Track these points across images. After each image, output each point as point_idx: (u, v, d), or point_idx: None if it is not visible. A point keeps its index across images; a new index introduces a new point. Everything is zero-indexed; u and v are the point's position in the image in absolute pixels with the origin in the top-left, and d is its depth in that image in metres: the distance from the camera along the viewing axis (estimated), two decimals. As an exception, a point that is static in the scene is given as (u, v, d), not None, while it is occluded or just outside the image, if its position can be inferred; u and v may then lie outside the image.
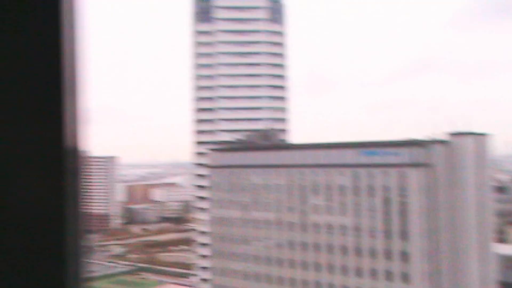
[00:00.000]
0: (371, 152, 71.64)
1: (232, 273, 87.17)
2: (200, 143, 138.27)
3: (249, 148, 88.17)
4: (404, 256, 67.91)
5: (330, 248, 75.34)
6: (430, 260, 68.55)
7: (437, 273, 68.77)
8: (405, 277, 67.81)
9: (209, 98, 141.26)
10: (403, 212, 67.97)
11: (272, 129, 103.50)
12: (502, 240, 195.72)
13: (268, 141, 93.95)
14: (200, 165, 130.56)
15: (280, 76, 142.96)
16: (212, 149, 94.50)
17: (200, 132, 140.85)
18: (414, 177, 67.32)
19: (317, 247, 76.84)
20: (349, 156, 73.52)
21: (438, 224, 68.69)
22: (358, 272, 72.35)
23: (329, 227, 75.50)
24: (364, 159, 71.99)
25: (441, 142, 69.68)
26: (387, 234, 69.41)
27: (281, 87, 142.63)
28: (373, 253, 70.89)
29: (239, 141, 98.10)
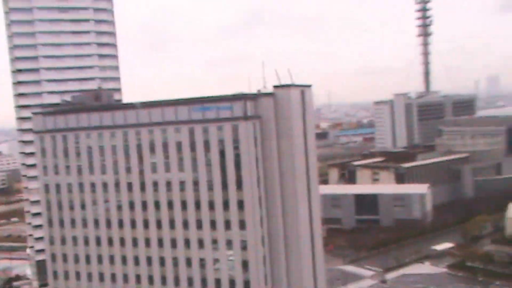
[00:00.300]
0: (205, 107, 73.12)
1: (71, 240, 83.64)
2: (23, 107, 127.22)
3: (80, 110, 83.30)
4: (240, 205, 71.94)
5: (170, 205, 76.25)
6: (263, 206, 73.78)
7: (271, 217, 74.47)
8: (242, 224, 72.13)
9: (31, 58, 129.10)
10: (237, 163, 71.44)
11: (103, 89, 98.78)
12: (325, 181, 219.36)
13: (100, 102, 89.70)
14: (25, 130, 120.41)
15: (108, 33, 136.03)
16: (38, 113, 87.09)
17: (22, 95, 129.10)
18: (246, 129, 70.71)
19: (157, 205, 77.14)
20: (184, 113, 74.08)
21: (269, 173, 73.77)
22: (199, 225, 74.81)
23: (168, 184, 76.08)
24: (198, 115, 73.24)
25: (270, 94, 73.89)
26: (224, 185, 72.52)
27: (110, 45, 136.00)
28: (211, 205, 73.67)
29: (68, 103, 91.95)
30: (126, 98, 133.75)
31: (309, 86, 78.73)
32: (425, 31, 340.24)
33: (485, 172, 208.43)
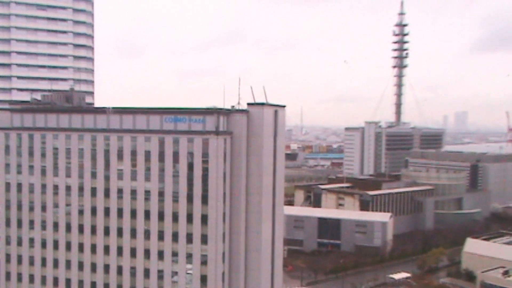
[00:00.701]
0: (178, 119, 73.03)
1: (28, 242, 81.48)
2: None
3: (49, 110, 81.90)
4: (204, 219, 71.67)
5: (133, 214, 75.35)
6: (227, 222, 73.69)
7: (234, 234, 74.39)
8: (204, 239, 71.79)
9: (3, 53, 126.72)
10: (204, 178, 71.34)
11: (75, 91, 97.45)
12: (290, 202, 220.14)
13: (71, 103, 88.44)
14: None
15: (86, 35, 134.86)
16: (5, 109, 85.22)
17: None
18: (216, 144, 70.87)
19: (120, 212, 76.10)
20: (156, 122, 73.80)
21: (236, 189, 73.89)
22: (160, 236, 74.06)
23: (133, 192, 75.26)
24: (170, 125, 73.04)
25: (243, 111, 74.41)
26: (189, 198, 72.19)
27: (86, 47, 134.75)
28: (175, 217, 73.14)
29: (38, 102, 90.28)
30: (98, 102, 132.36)
31: (283, 106, 79.66)
32: (400, 63, 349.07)
33: (447, 206, 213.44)
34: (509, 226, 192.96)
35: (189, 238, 72.48)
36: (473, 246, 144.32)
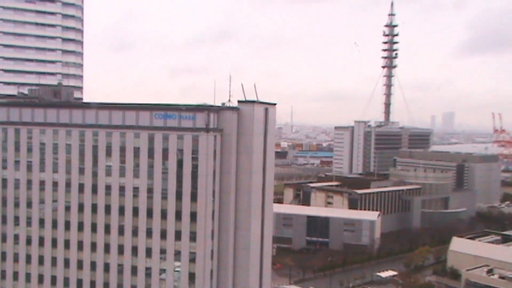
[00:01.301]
0: (168, 115, 72.36)
1: (12, 239, 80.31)
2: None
3: (36, 104, 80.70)
4: (193, 216, 71.16)
5: (121, 210, 74.61)
6: (216, 219, 73.27)
7: (222, 231, 73.98)
8: (193, 236, 71.33)
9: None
10: (194, 175, 70.82)
11: (63, 85, 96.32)
12: (280, 200, 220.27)
13: (58, 98, 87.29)
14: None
15: (75, 29, 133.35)
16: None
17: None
18: (206, 141, 70.35)
19: (108, 209, 75.30)
20: (145, 118, 73.05)
21: (225, 186, 73.47)
22: (149, 233, 73.40)
23: (121, 189, 74.48)
24: (160, 122, 72.38)
25: (234, 108, 73.95)
26: (178, 195, 71.65)
27: (75, 41, 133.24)
28: (164, 214, 72.54)
29: (25, 96, 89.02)
30: (87, 97, 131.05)
31: (273, 104, 79.29)
32: (390, 63, 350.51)
33: (433, 205, 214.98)
34: (494, 225, 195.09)
35: (178, 236, 71.92)
36: (458, 244, 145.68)
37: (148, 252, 73.47)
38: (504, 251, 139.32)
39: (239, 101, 74.45)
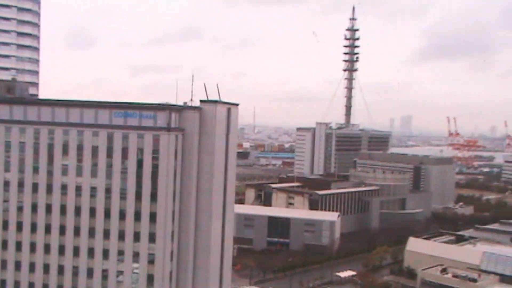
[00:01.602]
0: (128, 114, 70.64)
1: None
2: None
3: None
4: (152, 217, 69.73)
5: (77, 211, 72.24)
6: (176, 220, 72.08)
7: (183, 232, 72.86)
8: (152, 237, 69.87)
9: None
10: (154, 175, 69.42)
11: (18, 81, 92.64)
12: (241, 201, 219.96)
13: (12, 94, 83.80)
14: None
15: (32, 23, 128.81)
16: None
17: None
18: (167, 141, 69.09)
19: (63, 209, 72.77)
20: (105, 117, 71.05)
21: (186, 187, 72.41)
22: (106, 234, 71.40)
23: (78, 188, 72.15)
24: (119, 121, 70.57)
25: (196, 108, 73.00)
26: (137, 196, 70.04)
27: (31, 35, 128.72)
28: (122, 215, 70.76)
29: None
30: (44, 94, 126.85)
31: (236, 104, 78.80)
32: (351, 66, 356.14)
33: (391, 206, 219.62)
34: (448, 225, 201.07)
35: (136, 237, 70.27)
36: (414, 245, 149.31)
37: (105, 254, 71.45)
38: (457, 251, 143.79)
39: (201, 101, 73.59)
